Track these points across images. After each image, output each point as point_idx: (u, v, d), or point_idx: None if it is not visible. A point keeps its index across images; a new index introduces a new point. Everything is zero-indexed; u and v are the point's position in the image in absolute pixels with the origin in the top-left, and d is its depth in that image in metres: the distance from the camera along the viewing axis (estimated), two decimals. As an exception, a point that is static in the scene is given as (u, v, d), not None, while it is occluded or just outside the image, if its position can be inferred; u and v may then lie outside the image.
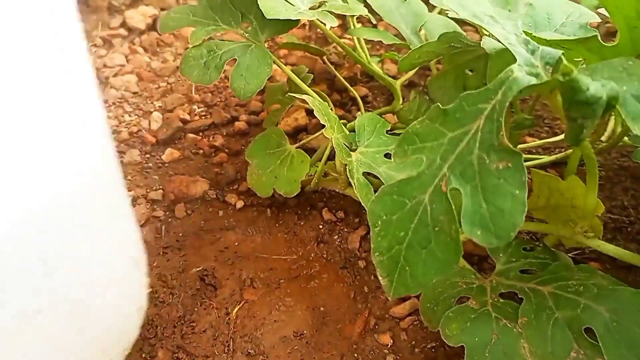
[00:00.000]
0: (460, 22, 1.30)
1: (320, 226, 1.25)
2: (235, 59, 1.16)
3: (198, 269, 1.17)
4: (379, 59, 1.47)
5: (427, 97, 1.24)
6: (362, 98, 1.53)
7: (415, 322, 1.08)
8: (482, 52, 1.09)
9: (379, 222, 0.76)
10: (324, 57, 1.49)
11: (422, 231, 0.72)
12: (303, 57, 1.67)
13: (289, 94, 1.15)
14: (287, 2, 1.13)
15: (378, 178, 1.08)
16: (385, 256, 0.76)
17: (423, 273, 0.73)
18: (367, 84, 1.62)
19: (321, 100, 1.13)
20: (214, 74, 1.14)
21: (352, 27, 1.40)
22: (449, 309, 0.93)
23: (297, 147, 1.24)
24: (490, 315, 0.90)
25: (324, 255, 1.21)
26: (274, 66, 1.17)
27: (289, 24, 1.19)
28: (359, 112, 1.40)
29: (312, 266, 1.19)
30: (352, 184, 1.03)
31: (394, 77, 1.44)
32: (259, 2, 1.08)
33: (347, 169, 1.13)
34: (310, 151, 1.28)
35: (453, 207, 0.69)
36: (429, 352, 1.03)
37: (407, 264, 0.75)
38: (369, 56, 1.41)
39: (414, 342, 1.06)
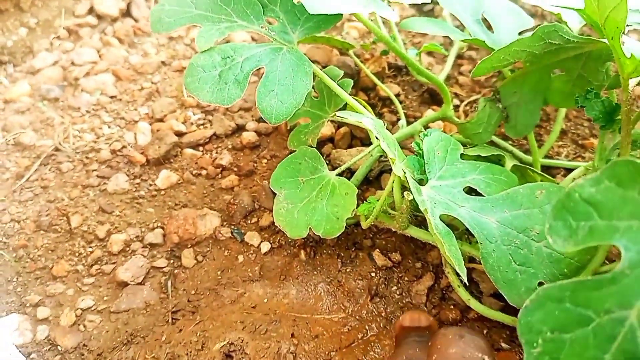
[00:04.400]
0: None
1: (372, 273, 0.98)
2: (262, 68, 0.87)
3: (222, 344, 0.90)
4: (417, 53, 1.18)
5: (499, 105, 0.96)
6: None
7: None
8: (585, 51, 0.82)
9: (540, 341, 0.50)
10: (351, 52, 1.20)
11: None
12: (314, 48, 1.36)
13: (338, 114, 0.85)
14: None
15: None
16: (555, 394, 0.50)
17: None
18: (395, 80, 1.33)
19: (375, 118, 0.85)
20: (235, 90, 0.85)
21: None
22: None
23: (337, 175, 0.96)
24: None
25: (382, 313, 0.94)
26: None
27: (332, 19, 0.90)
28: (400, 122, 1.12)
29: (368, 328, 0.93)
30: (432, 234, 0.75)
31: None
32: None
33: (408, 207, 0.86)
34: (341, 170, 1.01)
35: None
36: None
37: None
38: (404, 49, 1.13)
39: None
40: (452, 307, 0.93)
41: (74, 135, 1.26)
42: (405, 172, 0.78)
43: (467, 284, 0.88)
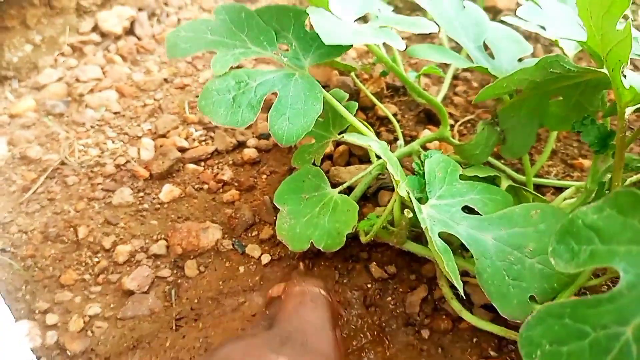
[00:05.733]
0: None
1: (368, 284, 1.03)
2: (274, 93, 0.92)
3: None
4: (416, 75, 1.24)
5: (497, 128, 1.02)
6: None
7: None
8: (584, 79, 0.88)
9: (539, 353, 0.54)
10: (352, 74, 1.26)
11: None
12: (314, 69, 1.42)
13: (345, 137, 0.90)
14: (334, 15, 0.89)
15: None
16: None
17: None
18: (392, 100, 1.39)
19: (379, 140, 0.91)
20: (248, 113, 0.89)
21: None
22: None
23: (339, 192, 1.01)
24: None
25: (376, 322, 0.99)
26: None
27: (344, 48, 0.96)
28: (399, 142, 1.18)
29: (362, 336, 0.97)
30: (432, 250, 0.81)
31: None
32: (312, 22, 0.83)
33: (407, 224, 0.91)
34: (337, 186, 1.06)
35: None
36: None
37: None
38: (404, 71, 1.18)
39: None
40: (444, 317, 0.97)
41: (79, 150, 1.31)
42: (408, 193, 0.83)
43: (460, 296, 0.93)
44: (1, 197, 1.21)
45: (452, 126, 1.31)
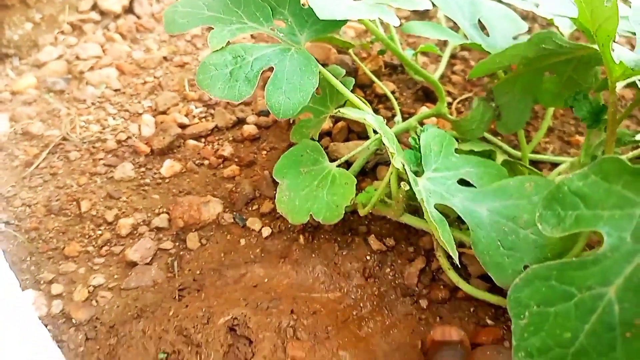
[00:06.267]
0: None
1: (367, 256, 1.05)
2: (271, 68, 0.94)
3: (226, 318, 0.96)
4: (414, 53, 1.26)
5: (492, 104, 1.04)
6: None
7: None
8: (576, 55, 0.90)
9: (527, 314, 0.57)
10: (350, 51, 1.27)
11: (603, 335, 0.53)
12: (313, 47, 1.44)
13: (341, 111, 0.92)
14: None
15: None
16: (537, 359, 0.57)
17: None
18: (390, 78, 1.41)
19: (376, 115, 0.93)
20: (245, 87, 0.91)
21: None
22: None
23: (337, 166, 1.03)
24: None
25: (375, 292, 1.01)
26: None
27: (339, 23, 0.97)
28: (396, 118, 1.20)
29: (362, 306, 1.00)
30: (428, 221, 0.83)
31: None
32: (307, -3, 0.85)
33: (404, 196, 0.93)
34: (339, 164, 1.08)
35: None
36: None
37: (575, 375, 0.55)
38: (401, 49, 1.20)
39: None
40: (442, 287, 1.00)
41: (80, 126, 1.32)
42: (403, 165, 0.85)
43: (457, 266, 0.95)
44: (4, 171, 1.22)
45: (449, 104, 1.32)
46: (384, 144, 0.87)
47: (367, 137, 1.21)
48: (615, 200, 0.53)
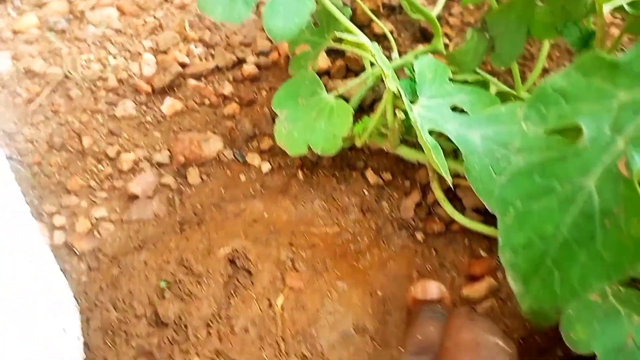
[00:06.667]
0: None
1: (365, 191, 1.06)
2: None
3: (227, 251, 0.98)
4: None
5: (487, 35, 1.03)
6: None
7: (494, 307, 0.92)
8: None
9: (512, 211, 0.57)
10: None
11: (583, 226, 0.54)
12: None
13: (339, 35, 0.92)
14: None
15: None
16: (522, 255, 0.58)
17: (581, 278, 0.55)
18: (389, 19, 1.40)
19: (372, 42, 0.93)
20: (243, 8, 0.91)
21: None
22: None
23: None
24: (619, 311, 0.74)
25: (372, 226, 1.03)
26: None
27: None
28: (393, 55, 1.19)
29: (359, 239, 1.01)
30: (423, 146, 0.84)
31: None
32: None
33: (400, 125, 0.94)
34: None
35: (641, 196, 0.51)
36: (518, 344, 0.88)
37: (555, 267, 0.57)
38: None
39: (494, 330, 0.90)
40: (437, 220, 1.01)
41: (82, 65, 1.32)
42: (397, 88, 0.86)
43: (452, 198, 0.96)
44: (6, 109, 1.23)
45: (447, 45, 1.32)
46: (381, 78, 0.87)
47: (366, 75, 1.21)
48: (594, 94, 0.53)
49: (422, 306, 0.86)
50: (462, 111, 0.92)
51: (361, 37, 0.89)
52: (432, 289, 0.87)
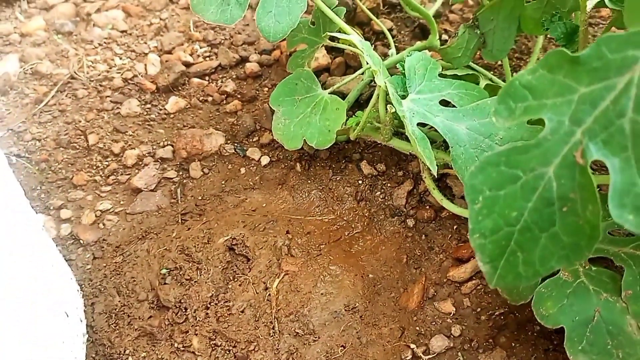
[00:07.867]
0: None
1: (359, 181, 1.10)
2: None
3: (226, 238, 1.02)
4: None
5: (477, 32, 1.07)
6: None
7: (478, 287, 0.95)
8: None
9: (481, 198, 0.61)
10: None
11: (544, 211, 0.58)
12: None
13: (329, 33, 0.96)
14: None
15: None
16: (489, 239, 0.62)
17: (541, 260, 0.59)
18: (389, 16, 1.43)
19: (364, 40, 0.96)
20: (236, 10, 0.95)
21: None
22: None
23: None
24: (588, 288, 0.78)
25: (366, 214, 1.06)
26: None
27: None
28: (390, 51, 1.23)
29: (353, 227, 1.05)
30: (410, 138, 0.87)
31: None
32: None
33: (391, 119, 0.98)
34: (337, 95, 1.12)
35: (594, 183, 0.54)
36: (498, 320, 0.92)
37: (519, 249, 0.61)
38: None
39: (479, 309, 0.94)
40: (428, 208, 1.05)
41: (88, 66, 1.37)
42: (386, 83, 0.89)
43: (442, 187, 1.00)
44: (15, 109, 1.28)
45: (446, 41, 1.35)
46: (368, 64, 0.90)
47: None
48: (558, 89, 0.57)
49: None
50: (452, 105, 0.95)
51: (353, 36, 0.92)
52: None
